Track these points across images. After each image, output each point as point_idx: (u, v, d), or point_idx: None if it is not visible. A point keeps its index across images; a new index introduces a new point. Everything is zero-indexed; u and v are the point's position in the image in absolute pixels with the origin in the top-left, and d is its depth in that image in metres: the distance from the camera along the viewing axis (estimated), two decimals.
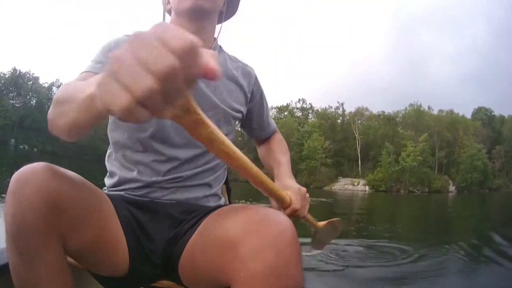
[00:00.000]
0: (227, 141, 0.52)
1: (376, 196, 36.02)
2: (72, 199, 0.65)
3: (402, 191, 47.94)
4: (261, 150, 1.19)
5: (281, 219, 0.60)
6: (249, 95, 1.04)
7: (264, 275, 0.53)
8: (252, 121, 1.11)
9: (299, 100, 67.92)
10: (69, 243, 0.66)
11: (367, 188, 49.16)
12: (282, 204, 0.86)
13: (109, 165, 0.95)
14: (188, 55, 0.33)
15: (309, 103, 68.31)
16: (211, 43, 0.98)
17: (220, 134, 0.50)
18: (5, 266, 0.67)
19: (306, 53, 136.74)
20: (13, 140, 61.89)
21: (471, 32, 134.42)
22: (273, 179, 0.98)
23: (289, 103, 68.08)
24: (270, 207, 0.75)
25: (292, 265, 0.55)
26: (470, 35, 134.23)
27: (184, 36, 0.33)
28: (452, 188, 51.25)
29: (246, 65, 1.07)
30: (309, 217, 0.98)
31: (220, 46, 1.03)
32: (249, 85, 1.04)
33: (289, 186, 0.92)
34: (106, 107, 0.34)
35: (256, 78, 1.07)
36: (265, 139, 1.18)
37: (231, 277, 0.58)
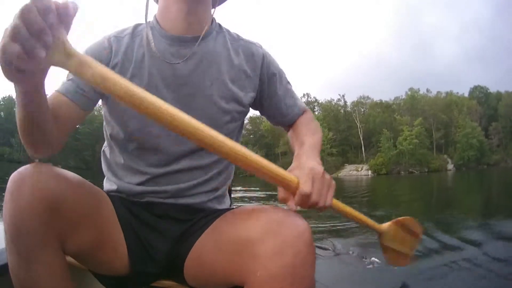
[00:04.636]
0: (128, 85, 0.49)
1: (376, 178, 38.43)
2: (70, 199, 0.63)
3: (402, 172, 50.65)
4: (290, 137, 0.99)
5: (299, 221, 0.60)
6: (257, 80, 0.90)
7: (281, 275, 0.54)
8: (266, 108, 0.95)
9: (303, 94, 70.32)
10: (68, 243, 0.65)
11: (369, 172, 52.33)
12: (288, 189, 0.62)
13: (107, 172, 0.91)
14: None
15: (314, 97, 71.65)
16: (208, 22, 0.86)
17: (115, 75, 0.49)
18: (5, 266, 0.67)
19: (310, 45, 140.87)
20: (37, 159, 65.55)
21: (473, 8, 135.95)
22: None
23: None
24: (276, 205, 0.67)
25: (308, 266, 0.56)
26: (472, 11, 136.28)
27: None
28: (450, 166, 53.88)
29: (251, 43, 0.92)
30: (348, 209, 0.72)
31: (219, 25, 0.92)
32: (255, 68, 0.90)
33: (298, 165, 0.68)
34: None
35: (264, 57, 0.92)
36: (293, 124, 0.99)
37: (246, 277, 0.58)
